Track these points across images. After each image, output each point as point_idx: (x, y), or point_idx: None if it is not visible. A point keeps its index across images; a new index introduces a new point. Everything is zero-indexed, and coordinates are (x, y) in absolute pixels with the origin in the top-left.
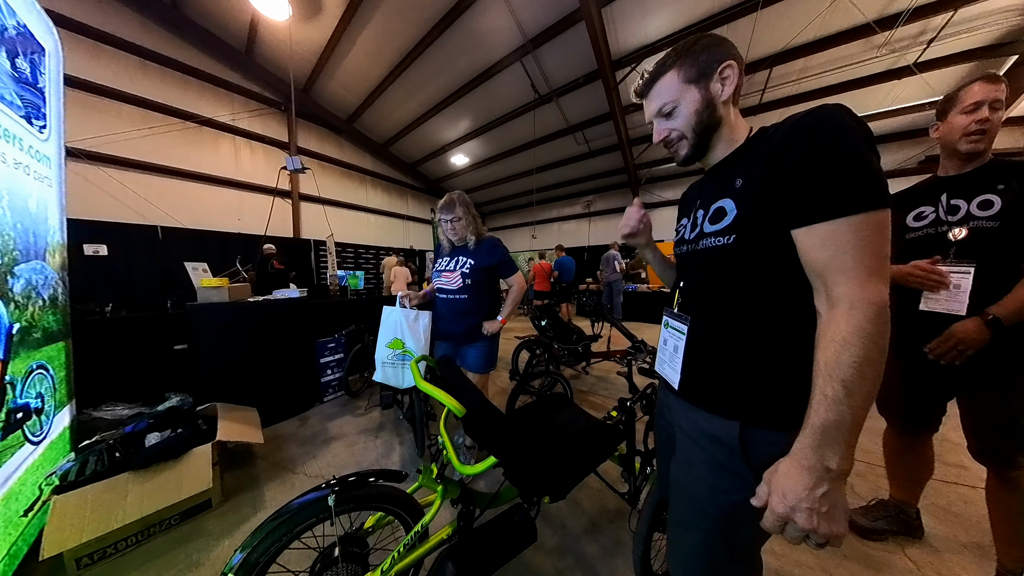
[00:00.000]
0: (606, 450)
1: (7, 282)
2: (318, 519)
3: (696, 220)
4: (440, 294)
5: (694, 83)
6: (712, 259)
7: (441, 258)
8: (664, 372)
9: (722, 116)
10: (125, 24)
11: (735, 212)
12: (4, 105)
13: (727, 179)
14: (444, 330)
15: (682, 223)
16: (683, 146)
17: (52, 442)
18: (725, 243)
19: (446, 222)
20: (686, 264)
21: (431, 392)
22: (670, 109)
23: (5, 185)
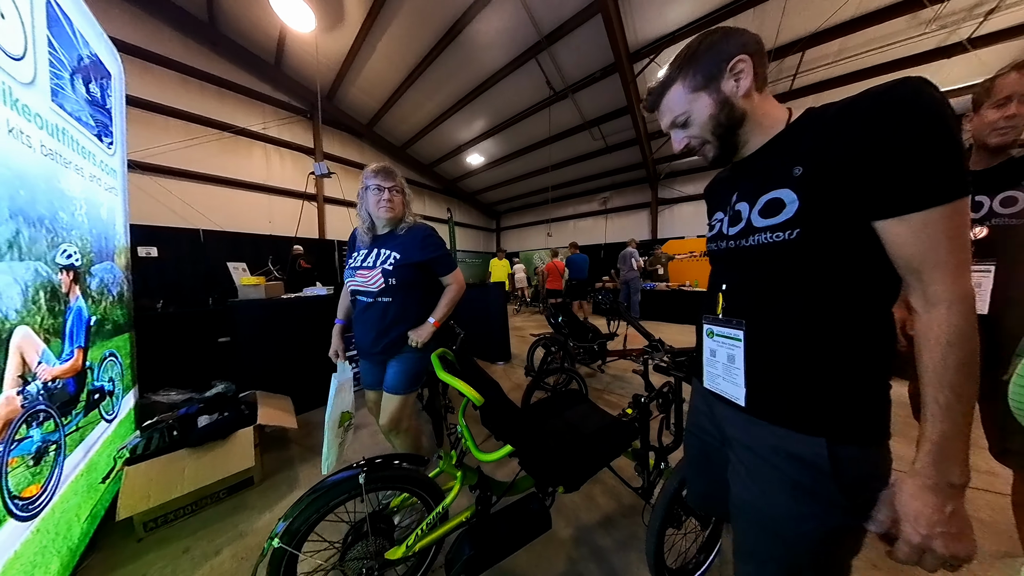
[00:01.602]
0: (620, 445)
1: (86, 280)
2: (350, 495)
3: (738, 214)
4: (357, 297)
5: (703, 89)
6: (768, 256)
7: (357, 251)
8: (719, 387)
9: (745, 110)
10: (168, 43)
11: (797, 203)
12: (82, 127)
13: (778, 168)
14: (362, 343)
15: (716, 217)
16: (708, 150)
17: (121, 421)
18: (786, 238)
19: (378, 190)
20: (728, 262)
21: (451, 382)
22: (683, 120)
23: (84, 196)
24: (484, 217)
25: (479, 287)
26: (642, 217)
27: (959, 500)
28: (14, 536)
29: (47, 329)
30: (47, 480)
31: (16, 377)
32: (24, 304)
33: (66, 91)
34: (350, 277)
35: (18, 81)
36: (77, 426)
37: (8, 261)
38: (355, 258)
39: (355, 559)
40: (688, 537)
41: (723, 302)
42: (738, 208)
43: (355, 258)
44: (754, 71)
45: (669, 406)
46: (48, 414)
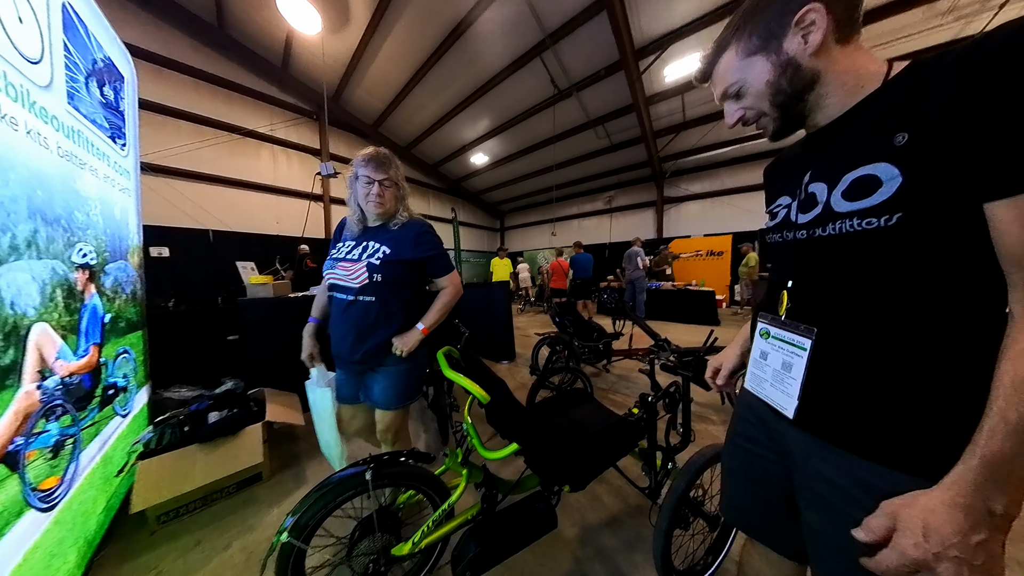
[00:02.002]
0: (627, 444)
1: (101, 279)
2: (356, 492)
3: (811, 198)
4: (335, 294)
5: (760, 52)
6: (854, 248)
7: (343, 242)
8: (763, 392)
9: (818, 70)
10: (179, 47)
11: (899, 181)
12: (97, 128)
13: (872, 137)
14: (339, 349)
15: (779, 203)
16: (766, 122)
17: (134, 416)
18: (882, 225)
19: (368, 182)
20: (797, 256)
21: (457, 380)
22: (736, 90)
23: (98, 196)
24: (488, 217)
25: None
26: (647, 216)
27: (996, 533)
28: (34, 527)
29: (64, 326)
30: (64, 472)
31: (35, 372)
32: (42, 301)
33: (81, 94)
34: (330, 269)
35: (35, 84)
36: (93, 420)
37: (27, 259)
38: (339, 248)
39: (362, 555)
40: (696, 539)
41: (787, 302)
42: (812, 190)
43: (339, 248)
44: (835, 19)
45: (676, 406)
46: (65, 409)
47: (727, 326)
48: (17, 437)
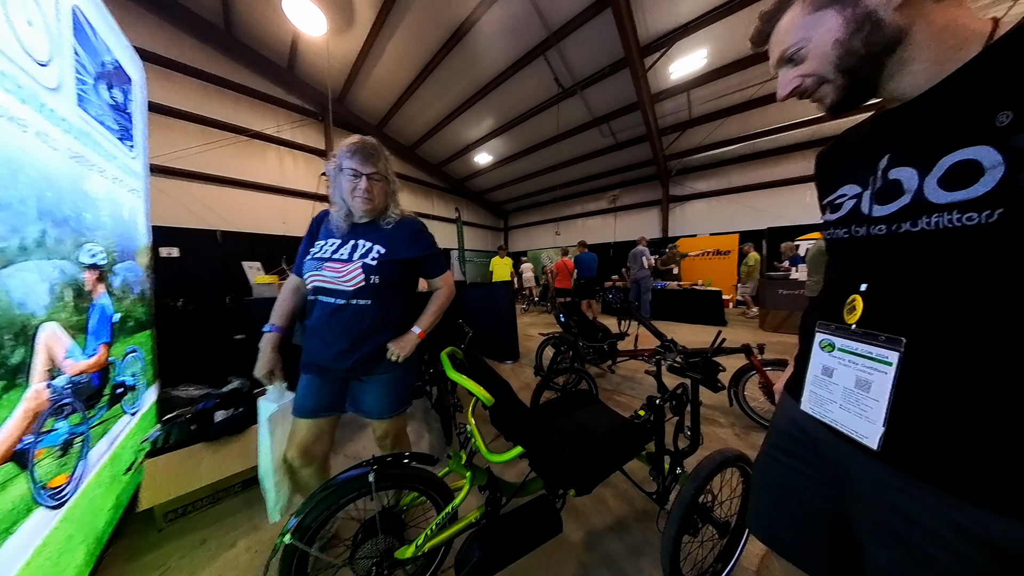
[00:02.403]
0: (633, 448)
1: (110, 279)
2: (360, 493)
3: (894, 185)
4: (321, 298)
5: (832, 5)
6: (951, 248)
7: (326, 240)
8: (831, 417)
9: (904, 27)
10: (188, 51)
11: (1002, 169)
12: (106, 130)
13: (973, 112)
14: (322, 357)
15: (843, 192)
16: (829, 91)
17: (143, 414)
18: (982, 222)
19: (354, 176)
20: (874, 254)
21: (461, 381)
22: (794, 52)
23: (107, 197)
24: (492, 216)
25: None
26: (652, 215)
27: None
28: (42, 525)
29: (73, 325)
30: (73, 471)
31: (44, 371)
32: (51, 301)
33: (90, 96)
34: (314, 270)
35: (44, 86)
36: (102, 419)
37: (36, 260)
38: (321, 247)
39: (365, 557)
40: (705, 546)
41: (862, 308)
42: (894, 177)
43: (321, 247)
44: None
45: (683, 408)
46: (74, 407)
47: (734, 326)
48: (26, 435)
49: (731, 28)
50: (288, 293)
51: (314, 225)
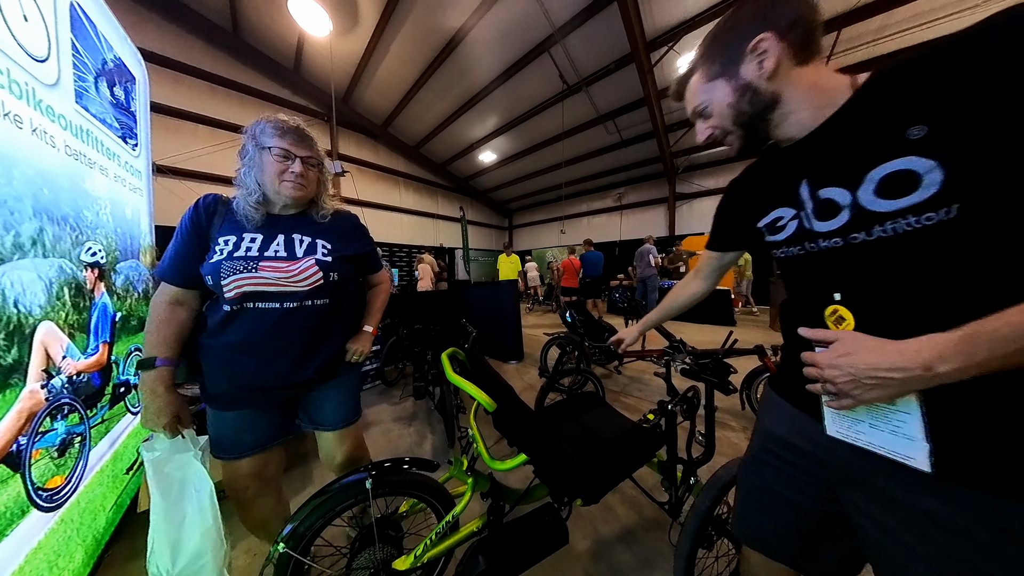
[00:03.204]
0: (643, 455)
1: (111, 277)
2: (356, 500)
3: (830, 203)
4: (258, 304)
5: (720, 77)
6: (921, 245)
7: (236, 234)
8: (867, 439)
9: (778, 91)
10: (196, 53)
11: (941, 172)
12: (107, 128)
13: (879, 135)
14: (261, 378)
15: (776, 215)
16: (732, 140)
17: None
18: (943, 218)
19: (283, 157)
20: (838, 265)
21: (461, 385)
22: (702, 109)
23: (109, 196)
24: (497, 215)
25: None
26: (659, 213)
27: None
28: (38, 527)
29: (72, 325)
30: (72, 471)
31: (40, 371)
32: (48, 300)
33: (90, 93)
34: (243, 272)
35: (41, 82)
36: (103, 418)
37: (32, 258)
38: (235, 243)
39: (362, 568)
40: (721, 561)
41: (852, 319)
42: (826, 196)
43: (235, 243)
44: (789, 45)
45: (694, 412)
46: (73, 407)
47: (743, 326)
48: (21, 436)
49: None
50: (165, 311)
51: (201, 214)
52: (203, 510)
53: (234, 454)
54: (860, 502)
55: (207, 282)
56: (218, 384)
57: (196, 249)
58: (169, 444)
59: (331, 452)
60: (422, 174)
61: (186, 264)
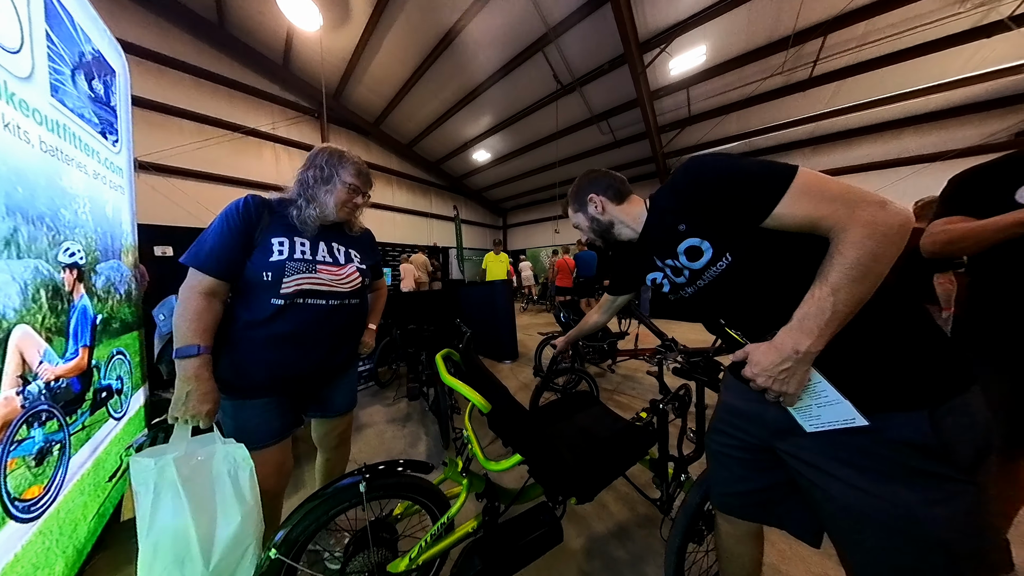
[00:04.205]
0: (636, 452)
1: (91, 279)
2: (351, 504)
3: (675, 267)
4: (308, 300)
5: (579, 211)
6: (728, 279)
7: (288, 237)
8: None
9: (610, 219)
10: (180, 45)
11: (708, 243)
12: (85, 123)
13: (667, 231)
14: (301, 367)
15: (653, 277)
16: (598, 243)
17: (130, 419)
18: (726, 264)
19: (353, 192)
20: (703, 301)
21: (456, 387)
22: (576, 225)
23: (87, 194)
24: (490, 215)
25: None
26: None
27: (800, 364)
28: (14, 539)
29: (49, 328)
30: (51, 481)
31: (16, 377)
32: (24, 303)
33: (67, 87)
34: (304, 272)
35: (14, 75)
36: (83, 425)
37: (5, 260)
38: (290, 246)
39: (356, 572)
40: (711, 555)
41: (737, 332)
42: (669, 264)
43: (290, 246)
44: (608, 198)
45: (686, 410)
46: (51, 414)
47: None
48: None
49: (730, 24)
50: (202, 301)
51: (252, 212)
52: (241, 494)
53: (264, 442)
54: (789, 448)
55: (262, 277)
56: (255, 374)
57: (242, 244)
58: (186, 443)
59: (330, 436)
60: (415, 172)
61: (231, 257)
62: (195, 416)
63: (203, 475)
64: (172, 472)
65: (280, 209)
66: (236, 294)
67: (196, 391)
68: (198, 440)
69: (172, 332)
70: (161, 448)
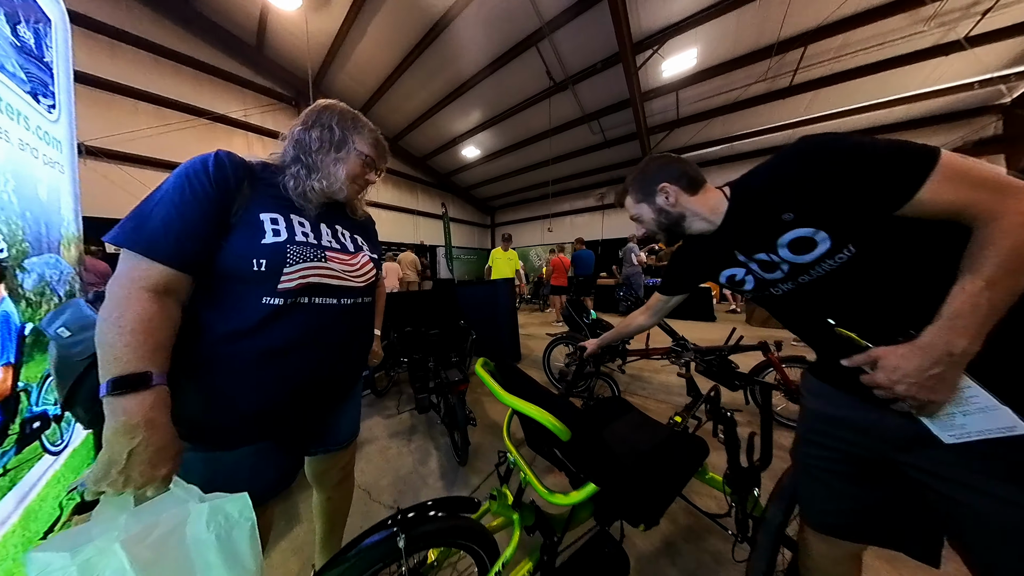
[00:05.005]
0: (692, 465)
1: (16, 277)
2: (386, 562)
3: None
4: (316, 299)
5: (643, 201)
6: (846, 273)
7: (285, 215)
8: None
9: (682, 211)
10: (139, 20)
11: (824, 233)
12: (7, 77)
13: (764, 221)
14: (317, 386)
15: (732, 273)
16: (661, 237)
17: (75, 450)
18: (848, 255)
19: (368, 166)
20: (792, 302)
21: (522, 409)
22: (636, 217)
23: (10, 168)
24: (479, 213)
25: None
26: None
27: (954, 367)
28: None
29: None
30: None
31: None
32: None
33: None
34: (313, 260)
35: None
36: (4, 468)
37: None
38: (290, 226)
39: None
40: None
41: (854, 334)
42: (760, 258)
43: (290, 226)
44: (682, 187)
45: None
46: None
47: (722, 322)
48: None
49: (720, 29)
50: (150, 303)
51: (230, 175)
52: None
53: (264, 498)
54: (919, 462)
55: (250, 268)
56: (241, 410)
57: (214, 220)
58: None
59: (332, 472)
60: (400, 168)
61: (197, 236)
62: (143, 485)
63: (175, 551)
64: (122, 561)
65: (266, 177)
66: (203, 295)
67: (146, 446)
68: (154, 503)
69: (94, 355)
70: (82, 531)
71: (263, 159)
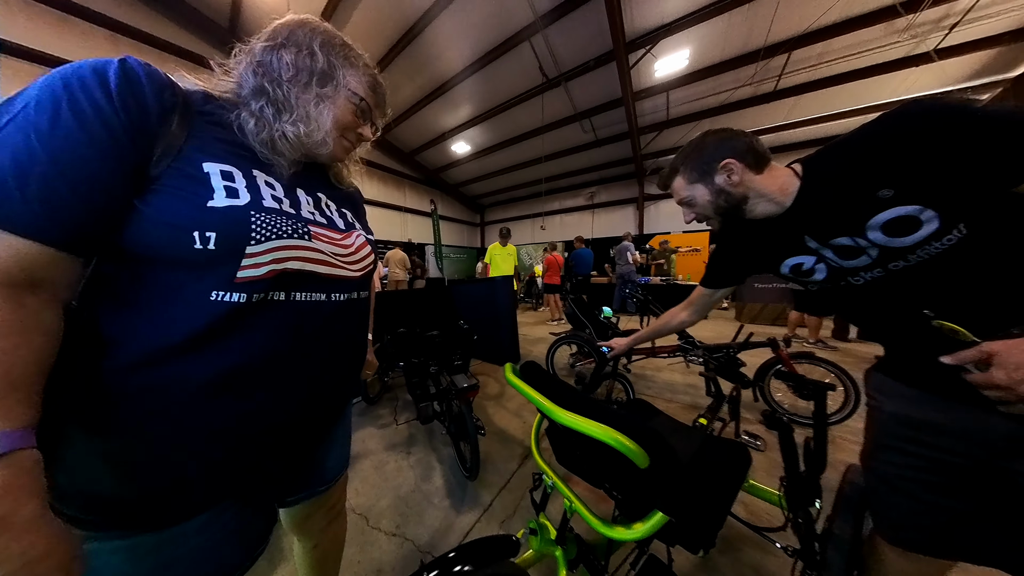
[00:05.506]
0: (739, 474)
1: None
2: None
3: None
4: (296, 295)
5: (699, 182)
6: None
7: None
8: None
9: (745, 193)
10: None
11: (935, 212)
12: None
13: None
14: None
15: (799, 261)
16: (713, 223)
17: None
18: (957, 236)
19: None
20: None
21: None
22: (688, 201)
23: None
24: (468, 211)
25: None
26: (628, 212)
27: None
28: None
29: None
30: None
31: None
32: None
33: None
34: (297, 238)
35: None
36: None
37: None
38: (253, 186)
39: None
40: None
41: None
42: (839, 243)
43: (253, 186)
44: (744, 166)
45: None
46: None
47: (713, 319)
48: None
49: (711, 31)
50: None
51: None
52: None
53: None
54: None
55: (190, 244)
56: (179, 469)
57: (118, 163)
58: None
59: (318, 516)
60: (387, 162)
61: (87, 190)
62: None
63: None
64: None
65: (211, 112)
66: (107, 289)
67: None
68: None
69: None
70: None
71: (204, 87)
